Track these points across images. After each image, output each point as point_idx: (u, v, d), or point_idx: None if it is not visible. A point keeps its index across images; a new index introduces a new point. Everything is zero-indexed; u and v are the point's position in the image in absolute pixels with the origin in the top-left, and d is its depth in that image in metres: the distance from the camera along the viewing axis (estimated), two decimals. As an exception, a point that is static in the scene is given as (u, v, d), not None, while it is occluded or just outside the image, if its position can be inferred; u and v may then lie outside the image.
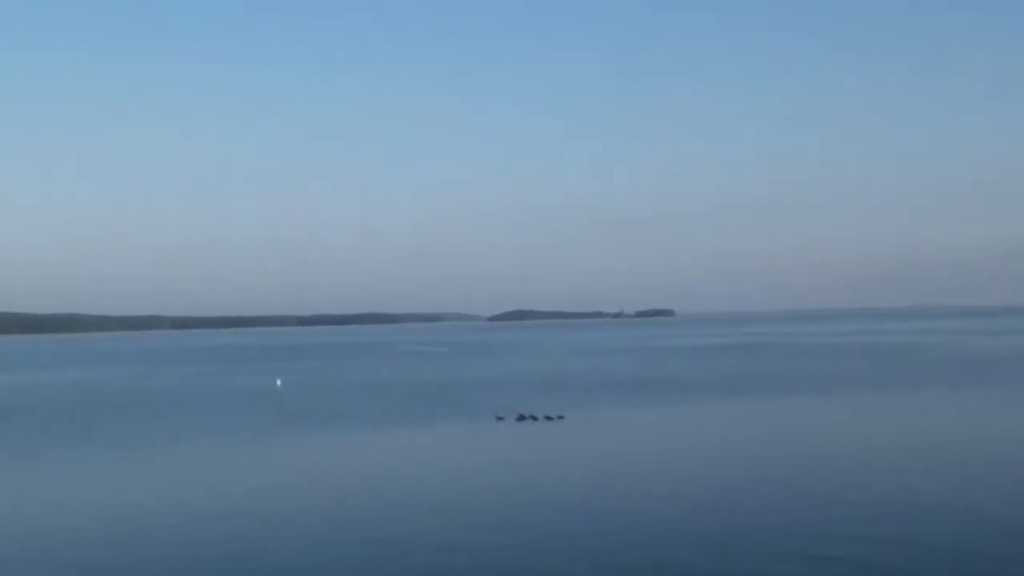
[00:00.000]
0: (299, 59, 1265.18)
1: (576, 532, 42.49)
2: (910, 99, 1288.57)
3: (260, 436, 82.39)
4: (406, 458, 68.08)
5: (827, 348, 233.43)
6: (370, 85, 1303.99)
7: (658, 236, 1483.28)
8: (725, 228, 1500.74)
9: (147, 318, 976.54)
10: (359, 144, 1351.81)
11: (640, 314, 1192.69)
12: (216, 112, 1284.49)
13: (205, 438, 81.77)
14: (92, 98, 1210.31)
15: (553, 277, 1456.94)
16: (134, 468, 66.98)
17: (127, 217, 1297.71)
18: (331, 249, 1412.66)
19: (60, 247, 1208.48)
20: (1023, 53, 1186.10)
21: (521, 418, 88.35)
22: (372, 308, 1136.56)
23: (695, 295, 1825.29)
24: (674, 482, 55.06)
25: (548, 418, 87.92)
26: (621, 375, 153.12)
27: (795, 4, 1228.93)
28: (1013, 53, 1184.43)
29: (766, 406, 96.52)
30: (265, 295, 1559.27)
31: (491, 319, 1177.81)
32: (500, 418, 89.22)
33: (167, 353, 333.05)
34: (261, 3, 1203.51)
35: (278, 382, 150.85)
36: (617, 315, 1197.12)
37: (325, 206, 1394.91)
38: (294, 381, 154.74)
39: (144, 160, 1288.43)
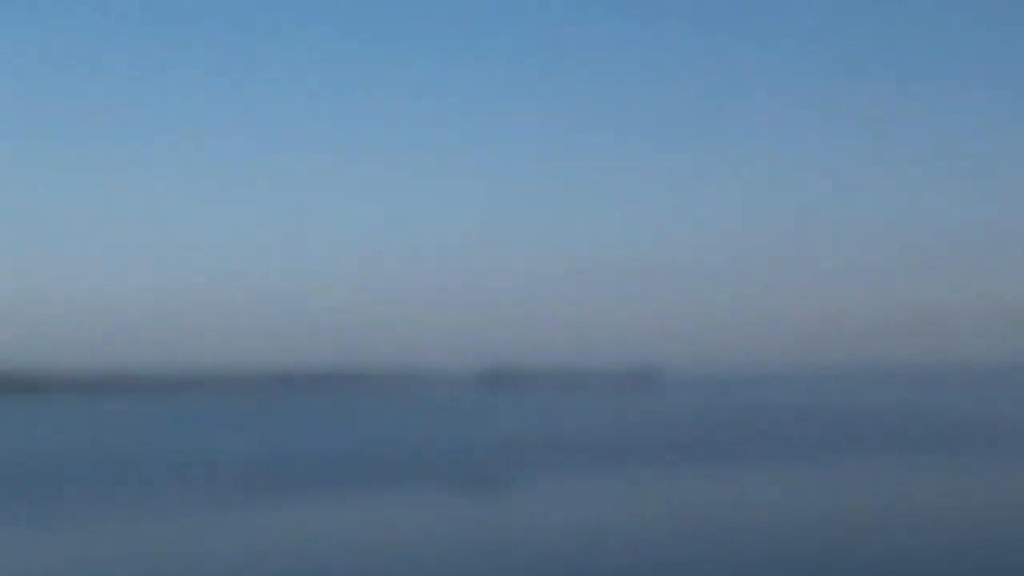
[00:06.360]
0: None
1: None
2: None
3: (219, 504, 67.68)
4: (344, 529, 52.43)
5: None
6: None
7: (650, 287, 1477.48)
8: (727, 281, 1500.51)
9: (106, 375, 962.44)
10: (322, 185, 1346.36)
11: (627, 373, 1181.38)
12: (180, 157, 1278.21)
13: (162, 506, 65.61)
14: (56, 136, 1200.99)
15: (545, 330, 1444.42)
16: (90, 541, 51.25)
17: (84, 267, 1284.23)
18: (293, 299, 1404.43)
19: (10, 296, 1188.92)
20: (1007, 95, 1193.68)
21: (466, 485, 71.19)
22: (342, 362, 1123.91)
23: (691, 350, 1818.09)
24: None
25: (494, 487, 70.84)
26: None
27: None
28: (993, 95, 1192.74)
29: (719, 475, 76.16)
30: (224, 350, 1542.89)
31: (475, 377, 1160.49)
32: (443, 487, 71.97)
33: (126, 415, 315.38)
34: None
35: (239, 446, 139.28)
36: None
37: (288, 251, 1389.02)
38: (254, 445, 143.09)
39: (98, 206, 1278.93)
